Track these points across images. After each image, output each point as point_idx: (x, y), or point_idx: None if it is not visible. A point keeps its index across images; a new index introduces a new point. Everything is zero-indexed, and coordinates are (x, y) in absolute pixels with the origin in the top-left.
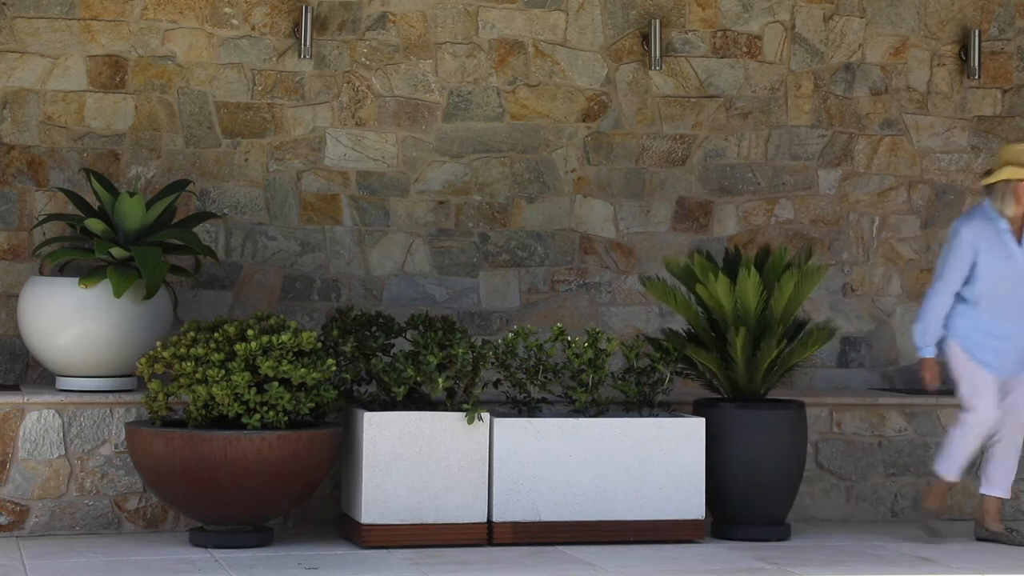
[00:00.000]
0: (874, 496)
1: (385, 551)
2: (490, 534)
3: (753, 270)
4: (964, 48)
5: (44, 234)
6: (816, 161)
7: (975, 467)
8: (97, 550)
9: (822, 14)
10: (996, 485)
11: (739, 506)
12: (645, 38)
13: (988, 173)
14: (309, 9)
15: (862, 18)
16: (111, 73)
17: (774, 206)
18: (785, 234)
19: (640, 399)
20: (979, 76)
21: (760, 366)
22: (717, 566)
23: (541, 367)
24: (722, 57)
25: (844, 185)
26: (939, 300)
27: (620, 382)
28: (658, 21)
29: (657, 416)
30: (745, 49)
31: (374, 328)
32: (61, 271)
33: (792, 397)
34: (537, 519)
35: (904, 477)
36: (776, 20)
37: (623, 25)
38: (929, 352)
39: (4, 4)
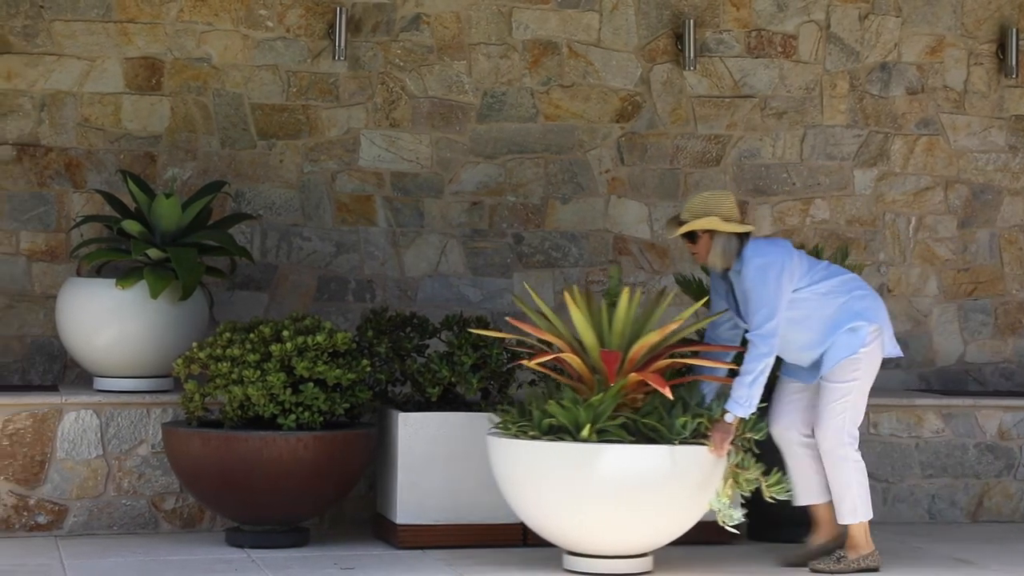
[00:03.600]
0: (911, 498)
1: (420, 551)
2: (525, 535)
3: None
4: (1001, 47)
5: (82, 235)
6: (852, 161)
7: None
8: (135, 550)
9: (857, 13)
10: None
11: (777, 507)
12: (679, 38)
13: None
14: (343, 11)
15: (898, 17)
16: (147, 75)
17: (809, 206)
18: (820, 234)
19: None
20: (1017, 75)
21: None
22: (754, 567)
23: None
24: (756, 57)
25: (880, 185)
26: None
27: None
28: (692, 21)
29: None
30: (780, 49)
31: (408, 329)
32: (98, 272)
33: None
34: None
35: (941, 479)
36: (811, 20)
37: (657, 25)
38: None
39: (42, 7)
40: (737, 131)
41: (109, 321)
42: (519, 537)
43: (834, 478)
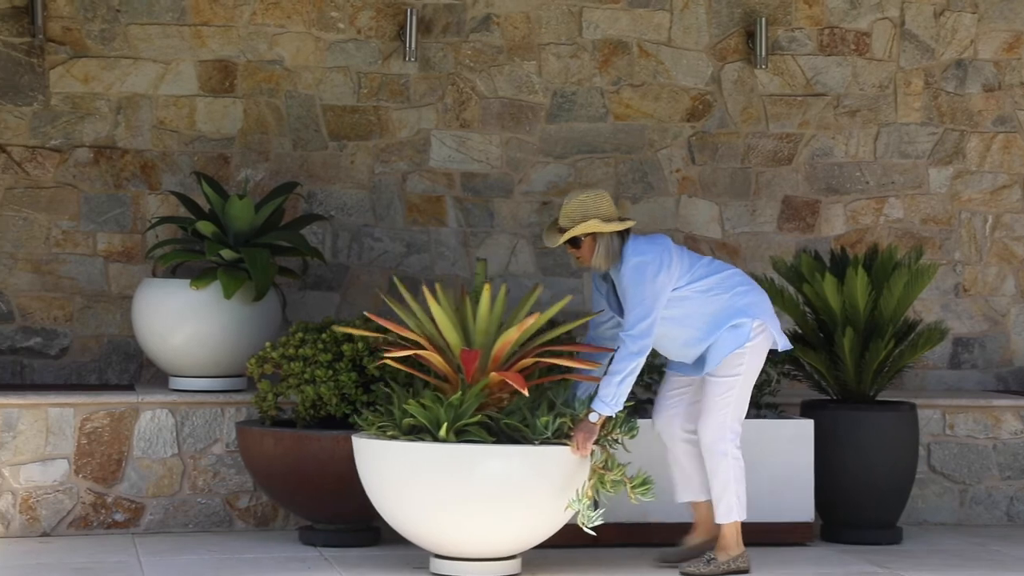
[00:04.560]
0: (988, 500)
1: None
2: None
3: (861, 269)
4: None
5: (157, 236)
6: (927, 159)
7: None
8: (210, 548)
9: (933, 10)
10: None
11: (849, 509)
12: (750, 36)
13: None
14: (414, 12)
15: (974, 13)
16: (221, 78)
17: (883, 205)
18: (894, 233)
19: None
20: None
21: (869, 367)
22: (827, 569)
23: (647, 367)
24: (829, 55)
25: (956, 183)
26: None
27: None
28: (764, 19)
29: (765, 418)
30: (853, 46)
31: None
32: (173, 273)
33: (903, 399)
34: (644, 521)
35: (1020, 480)
36: (885, 16)
37: (728, 24)
38: None
39: (118, 11)
40: (809, 129)
41: (184, 321)
42: (590, 537)
43: (714, 475)
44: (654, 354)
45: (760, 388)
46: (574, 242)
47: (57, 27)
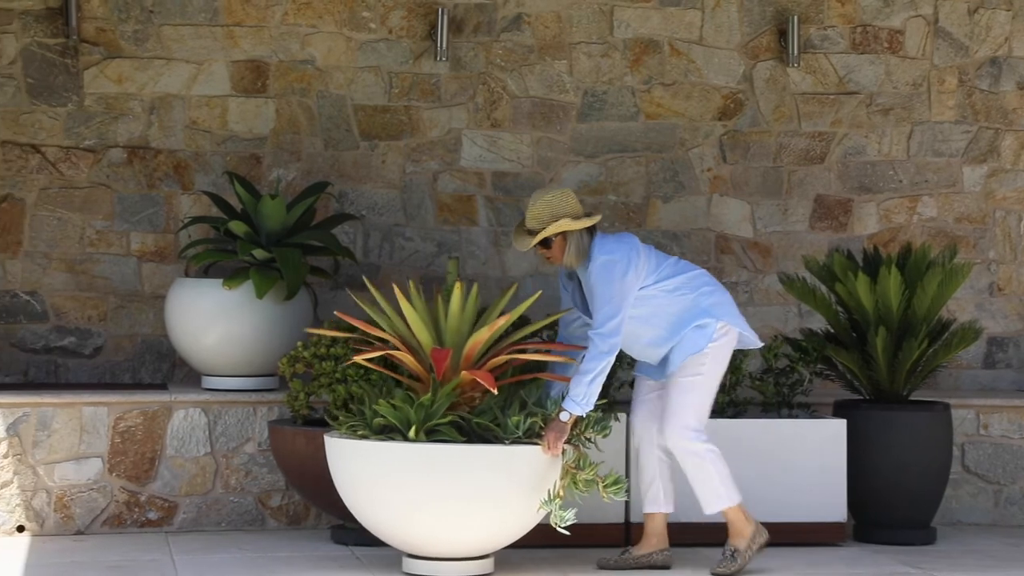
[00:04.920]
0: (1023, 500)
1: (521, 551)
2: (627, 535)
3: (895, 268)
4: None
5: (189, 236)
6: (960, 158)
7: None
8: (242, 546)
9: (966, 7)
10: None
11: (882, 509)
12: (782, 35)
13: None
14: (445, 11)
15: (1008, 11)
16: (253, 78)
17: (916, 204)
18: (928, 232)
19: (779, 400)
20: None
21: (902, 367)
22: (860, 570)
23: None
24: (862, 53)
25: (990, 182)
26: None
27: (758, 383)
28: (796, 17)
29: (797, 417)
30: (886, 44)
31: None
32: (206, 272)
33: (936, 398)
34: (674, 520)
35: None
36: (918, 14)
37: (760, 22)
38: None
39: (152, 12)
40: (842, 128)
41: (216, 321)
42: (621, 537)
43: (690, 474)
44: (622, 354)
45: (793, 388)
46: (544, 242)
47: (91, 28)
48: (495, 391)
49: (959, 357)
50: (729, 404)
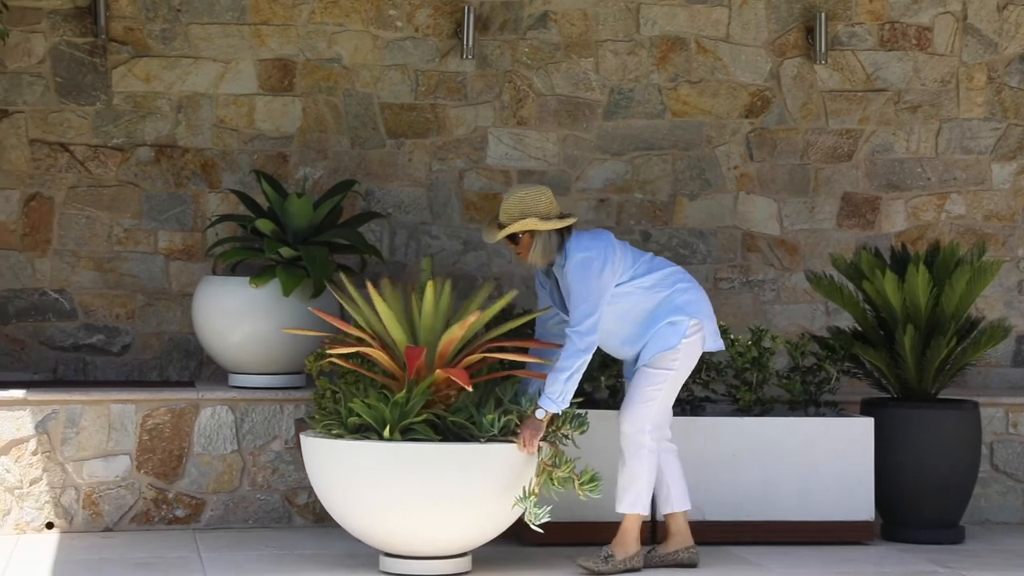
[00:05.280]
0: None
1: (547, 548)
2: (653, 533)
3: (923, 266)
4: None
5: (216, 234)
6: (989, 155)
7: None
8: (269, 543)
9: (996, 3)
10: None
11: (910, 508)
12: (810, 32)
13: None
14: (471, 10)
15: None
16: (280, 76)
17: (945, 201)
18: (956, 230)
19: (806, 398)
20: None
21: (930, 365)
22: (888, 568)
23: (704, 365)
24: (890, 50)
25: (1019, 179)
26: None
27: (785, 381)
28: (823, 14)
29: (824, 416)
30: (914, 41)
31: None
32: (233, 271)
33: (965, 397)
34: (701, 518)
35: None
36: (947, 11)
37: (787, 19)
38: None
39: (179, 11)
40: (870, 125)
41: (243, 319)
42: (647, 535)
43: (627, 464)
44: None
45: (820, 386)
46: (513, 239)
47: (119, 27)
48: (470, 389)
49: (988, 355)
50: (756, 402)
